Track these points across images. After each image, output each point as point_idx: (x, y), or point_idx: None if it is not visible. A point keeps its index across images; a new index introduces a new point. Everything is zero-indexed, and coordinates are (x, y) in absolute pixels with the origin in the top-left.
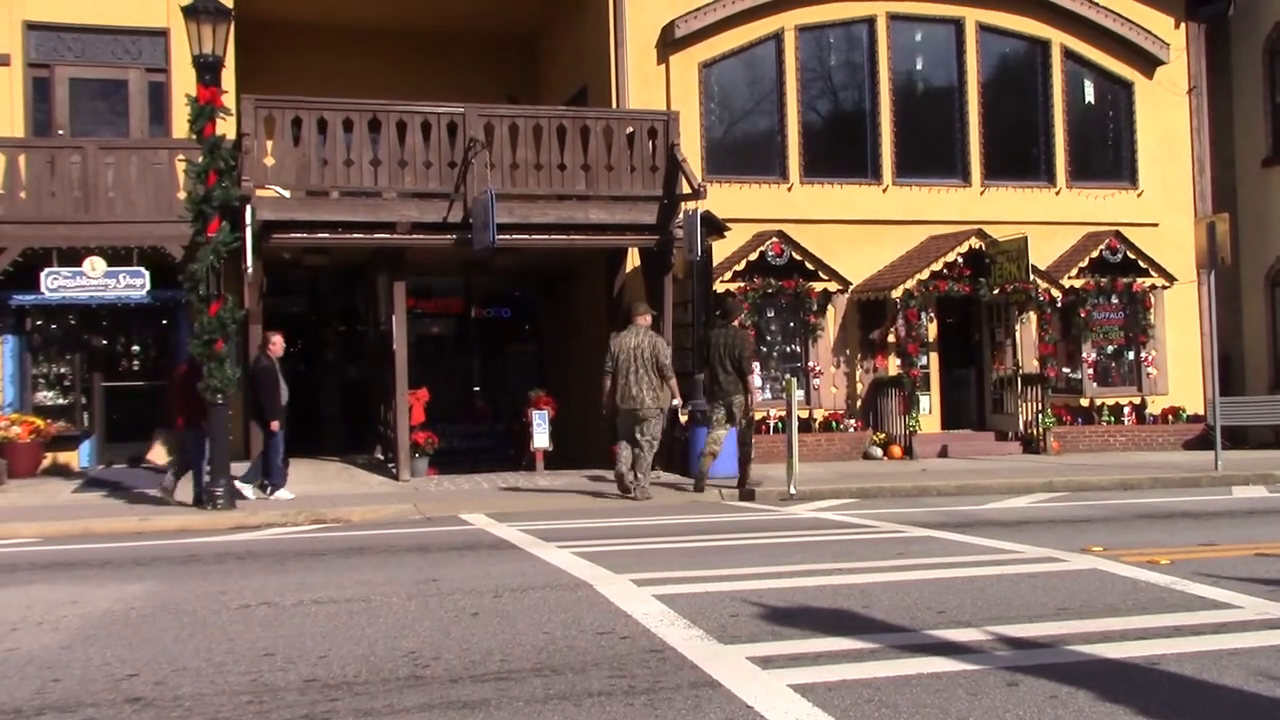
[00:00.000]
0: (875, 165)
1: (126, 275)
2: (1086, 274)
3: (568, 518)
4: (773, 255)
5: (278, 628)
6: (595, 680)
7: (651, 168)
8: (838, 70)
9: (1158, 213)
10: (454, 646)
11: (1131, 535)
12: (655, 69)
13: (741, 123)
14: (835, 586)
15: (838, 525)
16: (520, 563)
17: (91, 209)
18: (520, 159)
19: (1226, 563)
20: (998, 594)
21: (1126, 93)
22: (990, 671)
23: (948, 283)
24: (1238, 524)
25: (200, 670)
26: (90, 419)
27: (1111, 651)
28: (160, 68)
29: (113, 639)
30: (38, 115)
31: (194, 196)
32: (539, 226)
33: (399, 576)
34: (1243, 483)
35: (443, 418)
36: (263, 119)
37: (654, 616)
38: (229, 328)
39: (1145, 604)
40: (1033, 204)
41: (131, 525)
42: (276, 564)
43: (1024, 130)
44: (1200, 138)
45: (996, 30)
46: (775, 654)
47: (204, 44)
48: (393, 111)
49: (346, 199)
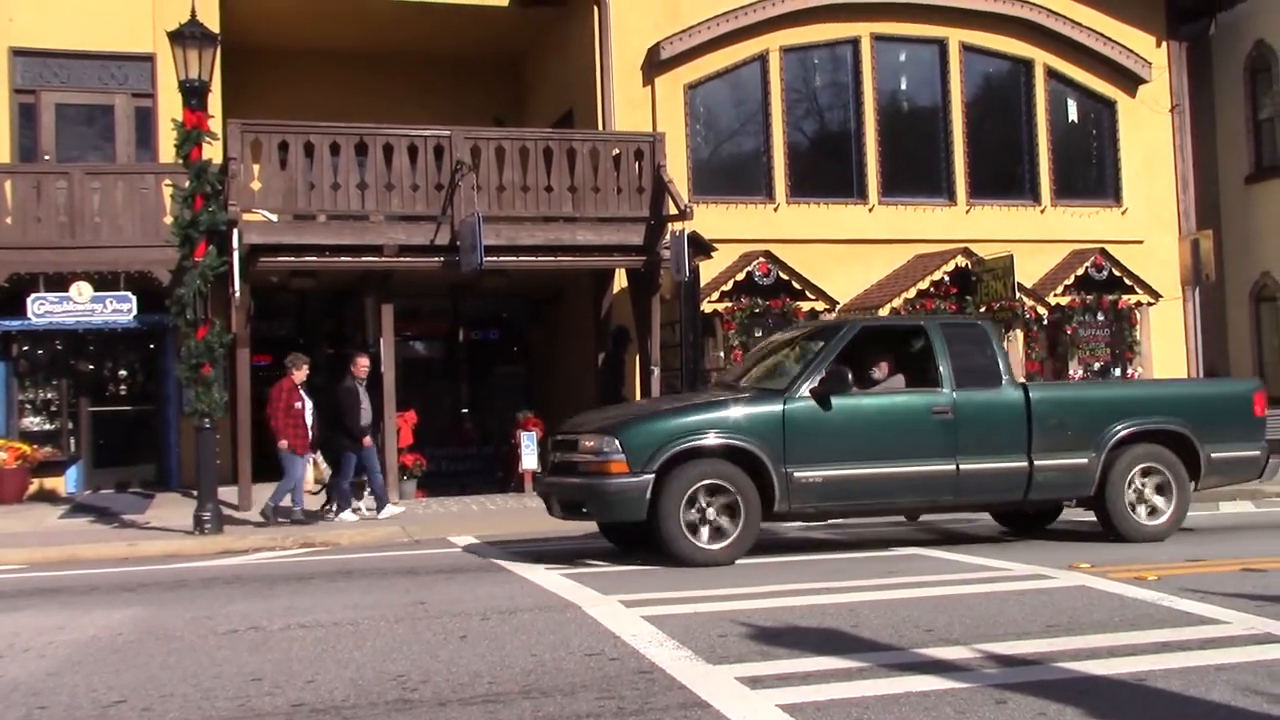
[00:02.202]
0: (861, 185)
1: (113, 300)
2: (1072, 291)
3: (556, 540)
4: (760, 275)
5: (265, 652)
6: (584, 702)
7: (638, 189)
8: (823, 91)
9: (1142, 230)
10: (442, 669)
11: (1118, 551)
12: (641, 91)
13: (727, 144)
14: (823, 606)
15: (825, 544)
16: (508, 585)
17: (78, 234)
18: (507, 181)
19: (1213, 578)
20: (986, 612)
21: (1110, 111)
22: (979, 690)
23: (934, 301)
24: (1224, 539)
25: (188, 696)
26: (77, 444)
27: (1099, 668)
28: (147, 93)
29: (100, 665)
30: (24, 141)
31: (180, 221)
32: (526, 248)
33: (387, 599)
34: (1229, 498)
35: (431, 440)
36: (249, 143)
37: (643, 637)
38: (216, 352)
39: (1132, 620)
40: (1018, 222)
41: (119, 551)
42: (264, 588)
43: (1008, 149)
44: (1183, 155)
45: (980, 50)
46: (764, 674)
47: (190, 69)
48: (379, 135)
49: (334, 222)
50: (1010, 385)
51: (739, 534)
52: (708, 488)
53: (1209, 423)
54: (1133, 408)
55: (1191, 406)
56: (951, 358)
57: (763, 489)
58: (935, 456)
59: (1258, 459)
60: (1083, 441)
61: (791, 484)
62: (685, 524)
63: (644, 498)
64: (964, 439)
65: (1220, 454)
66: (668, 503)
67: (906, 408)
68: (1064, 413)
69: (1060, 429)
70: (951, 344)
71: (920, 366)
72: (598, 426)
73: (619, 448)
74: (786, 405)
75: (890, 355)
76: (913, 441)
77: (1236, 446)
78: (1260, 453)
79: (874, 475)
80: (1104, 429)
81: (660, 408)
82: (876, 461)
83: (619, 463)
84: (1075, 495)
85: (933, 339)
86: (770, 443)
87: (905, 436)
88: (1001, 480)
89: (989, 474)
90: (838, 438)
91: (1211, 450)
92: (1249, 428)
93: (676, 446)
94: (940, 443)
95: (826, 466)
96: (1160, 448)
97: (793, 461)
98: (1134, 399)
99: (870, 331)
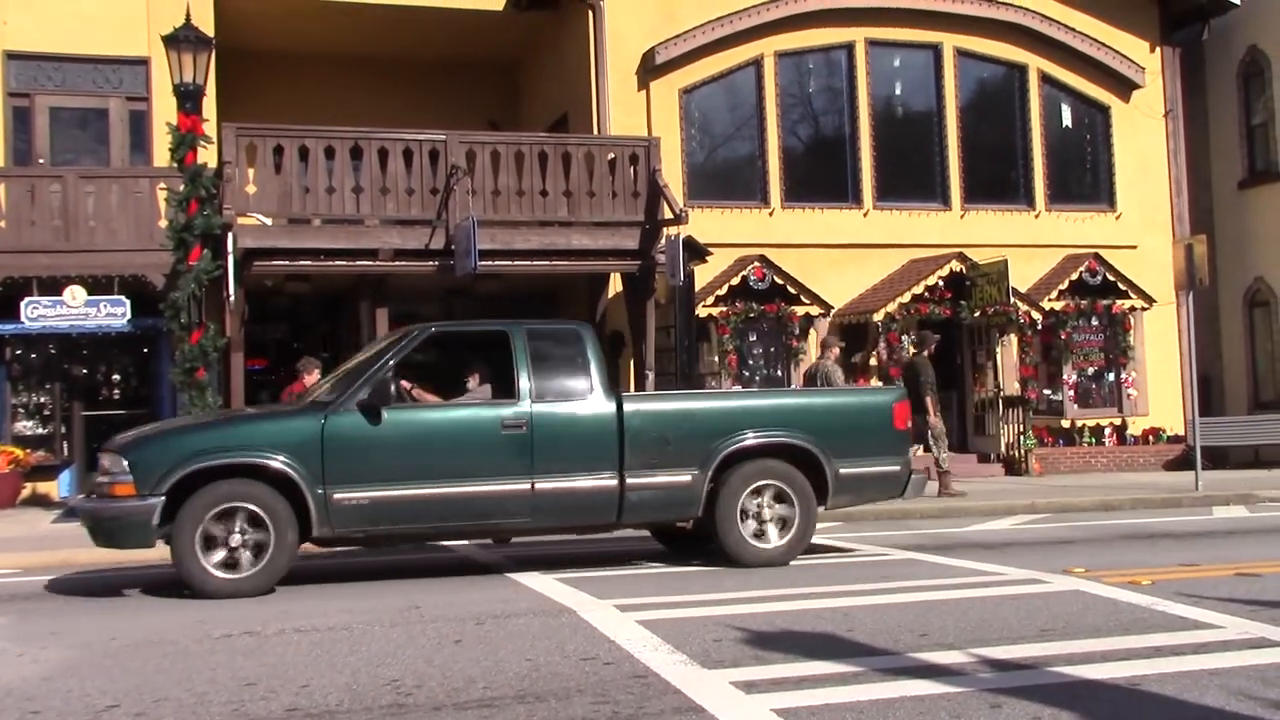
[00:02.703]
0: (856, 189)
1: (107, 304)
2: (1066, 296)
3: (548, 543)
4: (755, 280)
5: (260, 657)
6: (579, 706)
7: (633, 193)
8: (818, 96)
9: (1136, 235)
10: (437, 674)
11: (1113, 556)
12: (636, 95)
13: (722, 148)
14: (818, 610)
15: (820, 549)
16: (503, 589)
17: (72, 238)
18: (502, 185)
19: (1208, 583)
20: (980, 616)
21: (1104, 116)
22: (973, 694)
23: (929, 306)
24: (1219, 544)
25: (182, 700)
26: (70, 449)
27: (1094, 673)
28: (141, 96)
29: (94, 670)
30: (17, 144)
31: (175, 225)
32: (521, 252)
33: (381, 604)
34: (1223, 503)
35: None
36: (244, 147)
37: (637, 642)
38: (210, 356)
39: (1127, 625)
40: (1012, 227)
41: (114, 554)
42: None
43: (1003, 154)
44: (1177, 160)
45: (974, 55)
46: (759, 678)
47: (185, 73)
48: (374, 139)
49: (329, 226)
50: (602, 396)
51: (266, 562)
52: (228, 511)
53: (840, 436)
54: (749, 420)
55: (818, 418)
56: (535, 366)
57: (302, 511)
58: (506, 475)
59: (897, 475)
60: (687, 457)
61: (332, 506)
62: (200, 550)
63: (150, 523)
64: (541, 456)
65: (852, 470)
66: (181, 530)
67: (472, 422)
68: (664, 426)
69: (660, 444)
70: (537, 351)
71: (508, 376)
72: (114, 444)
73: (126, 468)
74: (328, 419)
75: (486, 364)
76: (479, 459)
77: (872, 462)
78: (900, 468)
79: (432, 496)
80: (711, 443)
81: (188, 423)
82: (436, 481)
83: (125, 484)
84: (680, 516)
85: (514, 345)
86: (305, 460)
87: (470, 453)
88: (587, 501)
89: (571, 494)
90: (389, 455)
91: (842, 466)
92: (888, 441)
93: (191, 466)
94: (513, 460)
95: (375, 487)
96: (782, 463)
97: (334, 481)
98: (750, 410)
99: (445, 337)
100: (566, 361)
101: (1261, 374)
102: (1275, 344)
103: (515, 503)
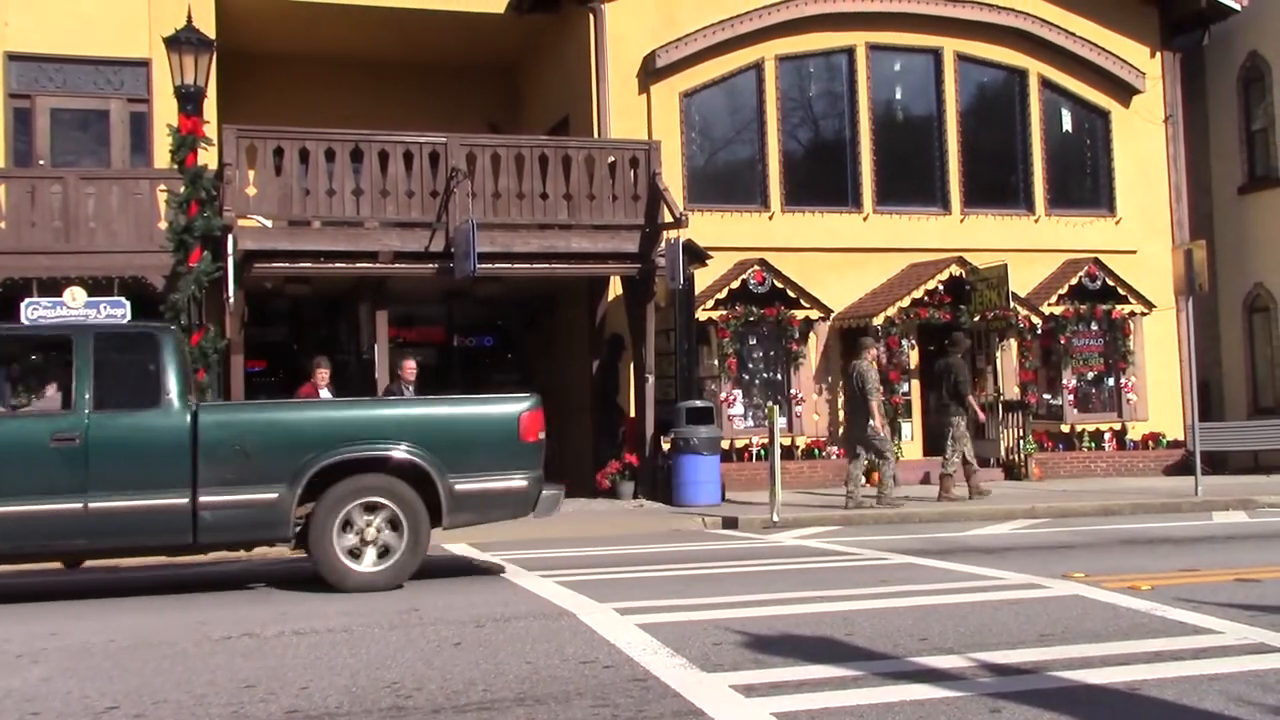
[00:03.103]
0: (856, 194)
1: (107, 305)
2: (1066, 301)
3: (550, 546)
4: (754, 283)
5: (259, 658)
6: (578, 709)
7: (633, 196)
8: (818, 100)
9: (1136, 240)
10: (436, 677)
11: (1113, 561)
12: (636, 99)
13: (723, 152)
14: (818, 614)
15: (820, 553)
16: (503, 592)
17: (72, 239)
18: (502, 188)
19: (1207, 588)
20: (980, 621)
21: (1104, 121)
22: (973, 698)
23: (929, 310)
24: (1218, 549)
25: (181, 702)
26: None
27: (1093, 677)
28: (142, 98)
29: (93, 671)
30: (18, 145)
31: (175, 226)
32: (521, 255)
33: (381, 606)
34: (1223, 508)
35: None
36: (245, 149)
37: (637, 645)
38: (210, 357)
39: (1126, 630)
40: (1012, 232)
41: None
42: (259, 594)
43: (1003, 159)
44: (1177, 165)
45: (974, 60)
46: (758, 682)
47: (186, 74)
48: (375, 141)
49: (329, 228)
50: (175, 406)
51: None
52: None
53: (457, 450)
54: (351, 431)
55: (432, 430)
56: (99, 373)
57: None
58: (54, 493)
59: (524, 491)
60: (272, 473)
61: None
62: None
63: None
64: (97, 472)
65: (469, 486)
66: None
67: (16, 434)
68: (245, 439)
69: (241, 458)
70: (102, 357)
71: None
72: None
73: None
74: None
75: (63, 369)
76: (21, 475)
77: (495, 478)
78: (528, 484)
79: None
80: (301, 457)
81: None
82: None
83: None
84: (268, 537)
85: (76, 350)
86: None
87: (14, 469)
88: (153, 521)
89: (133, 513)
90: None
91: (458, 483)
92: (515, 455)
93: None
94: (62, 476)
95: None
96: (387, 479)
97: None
98: (352, 421)
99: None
100: (138, 368)
101: (1261, 379)
102: (1275, 349)
103: (65, 523)
